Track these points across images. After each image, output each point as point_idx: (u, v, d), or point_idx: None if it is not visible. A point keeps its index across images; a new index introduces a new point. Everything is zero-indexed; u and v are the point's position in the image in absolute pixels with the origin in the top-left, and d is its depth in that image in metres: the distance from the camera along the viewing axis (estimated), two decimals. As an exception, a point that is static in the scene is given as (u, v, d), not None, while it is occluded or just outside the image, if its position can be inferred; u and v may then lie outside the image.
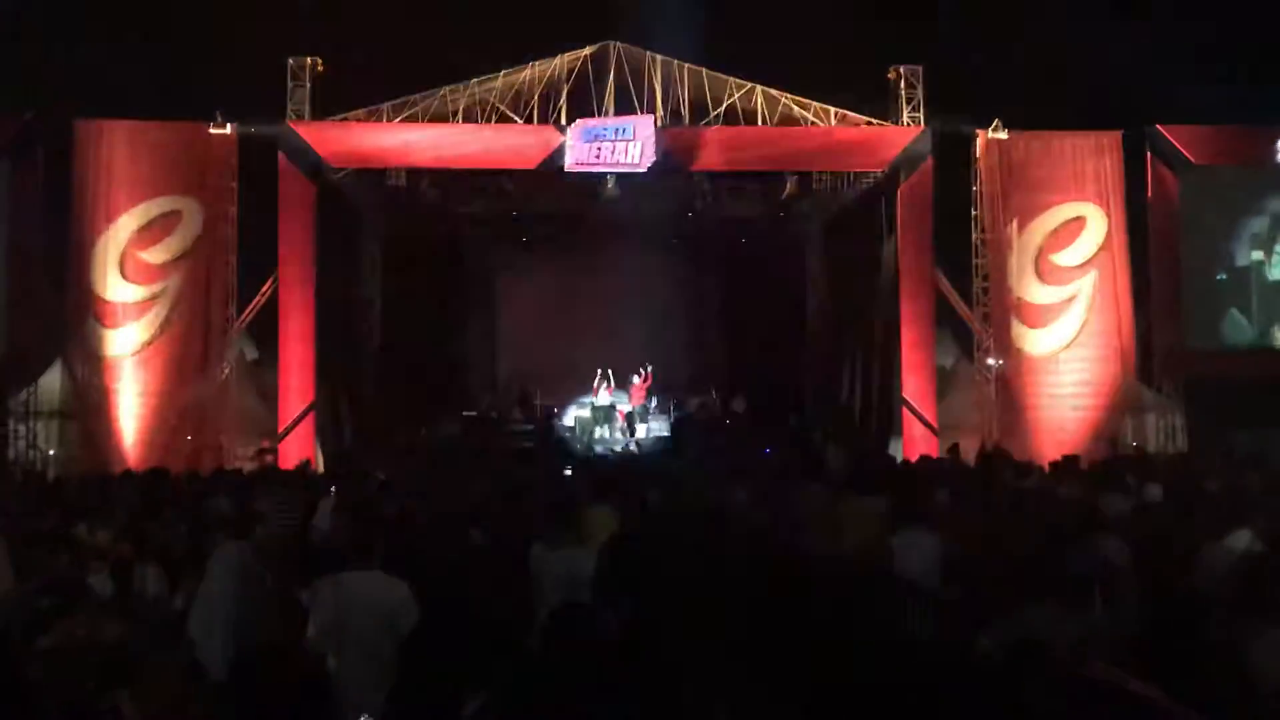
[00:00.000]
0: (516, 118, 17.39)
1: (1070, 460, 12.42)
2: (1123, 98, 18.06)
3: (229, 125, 17.17)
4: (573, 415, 21.96)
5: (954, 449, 14.32)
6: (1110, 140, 18.26)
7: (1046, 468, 12.81)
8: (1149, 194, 18.49)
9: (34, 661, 4.24)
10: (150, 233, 17.00)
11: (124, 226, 16.94)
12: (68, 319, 16.96)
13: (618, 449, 19.98)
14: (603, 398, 21.33)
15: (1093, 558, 6.46)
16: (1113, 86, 17.83)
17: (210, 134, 17.15)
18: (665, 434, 20.91)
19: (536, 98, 17.36)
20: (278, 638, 5.79)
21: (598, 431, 20.89)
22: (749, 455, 16.86)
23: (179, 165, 17.22)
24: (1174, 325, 18.44)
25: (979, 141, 18.10)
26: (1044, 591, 5.23)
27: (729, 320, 24.72)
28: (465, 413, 21.63)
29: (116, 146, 17.11)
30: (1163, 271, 18.50)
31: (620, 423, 21.17)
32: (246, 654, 3.92)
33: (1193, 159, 18.49)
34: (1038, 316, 17.93)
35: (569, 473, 14.17)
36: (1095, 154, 18.18)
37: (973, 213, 18.26)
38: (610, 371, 21.34)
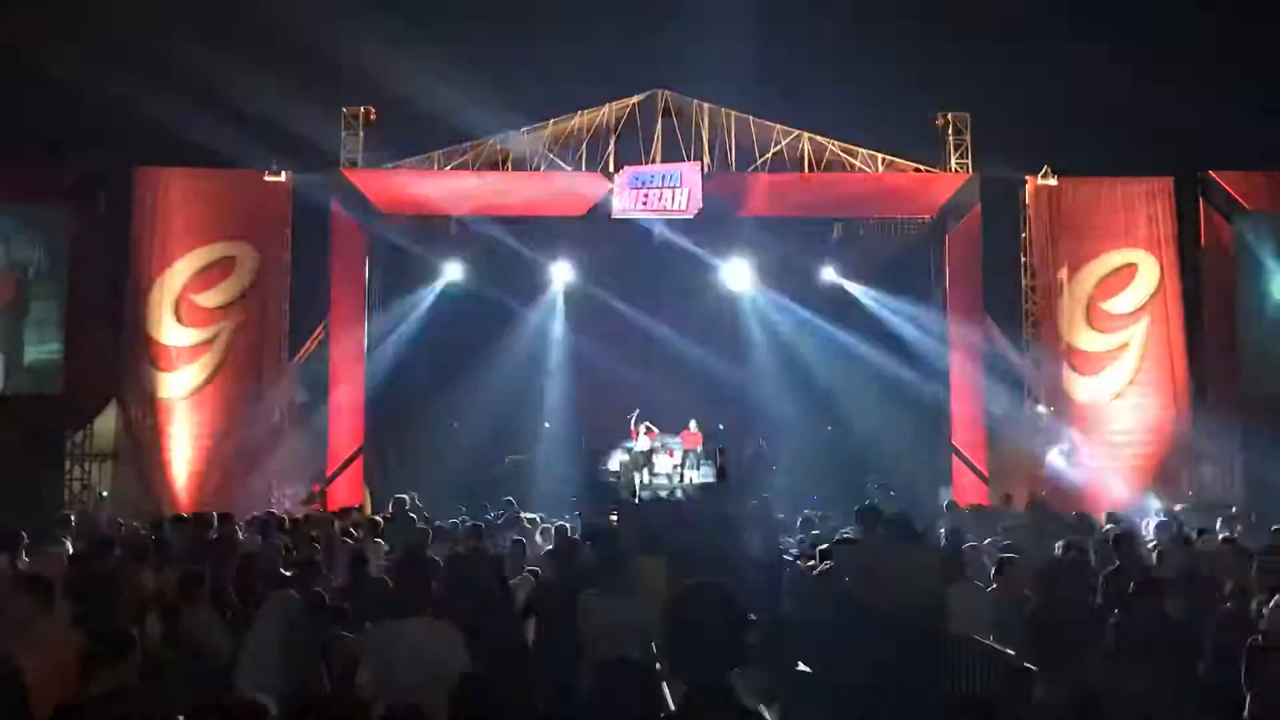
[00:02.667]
0: (565, 165, 17.56)
1: (1124, 511, 12.20)
2: (1174, 143, 17.90)
3: (284, 173, 17.47)
4: (617, 459, 21.88)
5: (1006, 499, 14.11)
6: (1161, 186, 18.10)
7: (1101, 518, 12.57)
8: (1202, 240, 18.27)
9: (84, 709, 4.26)
10: (205, 277, 17.28)
11: (180, 271, 17.24)
12: (123, 362, 17.23)
13: (663, 494, 19.84)
14: (642, 442, 21.25)
15: (1152, 613, 6.32)
16: (1163, 132, 17.67)
17: (265, 181, 17.46)
18: (711, 480, 20.75)
19: (585, 145, 17.53)
20: (328, 687, 5.79)
21: (639, 477, 20.78)
22: (798, 502, 16.71)
23: (234, 212, 17.53)
24: (1230, 372, 18.13)
25: (1028, 188, 18.02)
26: (1103, 648, 5.13)
27: (776, 367, 24.56)
28: (512, 456, 21.63)
29: (174, 193, 17.44)
30: (1218, 318, 18.22)
31: (663, 467, 21.05)
32: (297, 704, 3.91)
33: (1246, 205, 18.25)
34: (1089, 363, 17.72)
35: (614, 519, 14.11)
36: (1146, 200, 18.03)
37: (1022, 259, 18.14)
38: (649, 418, 21.28)
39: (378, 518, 14.99)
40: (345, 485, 16.98)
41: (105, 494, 17.38)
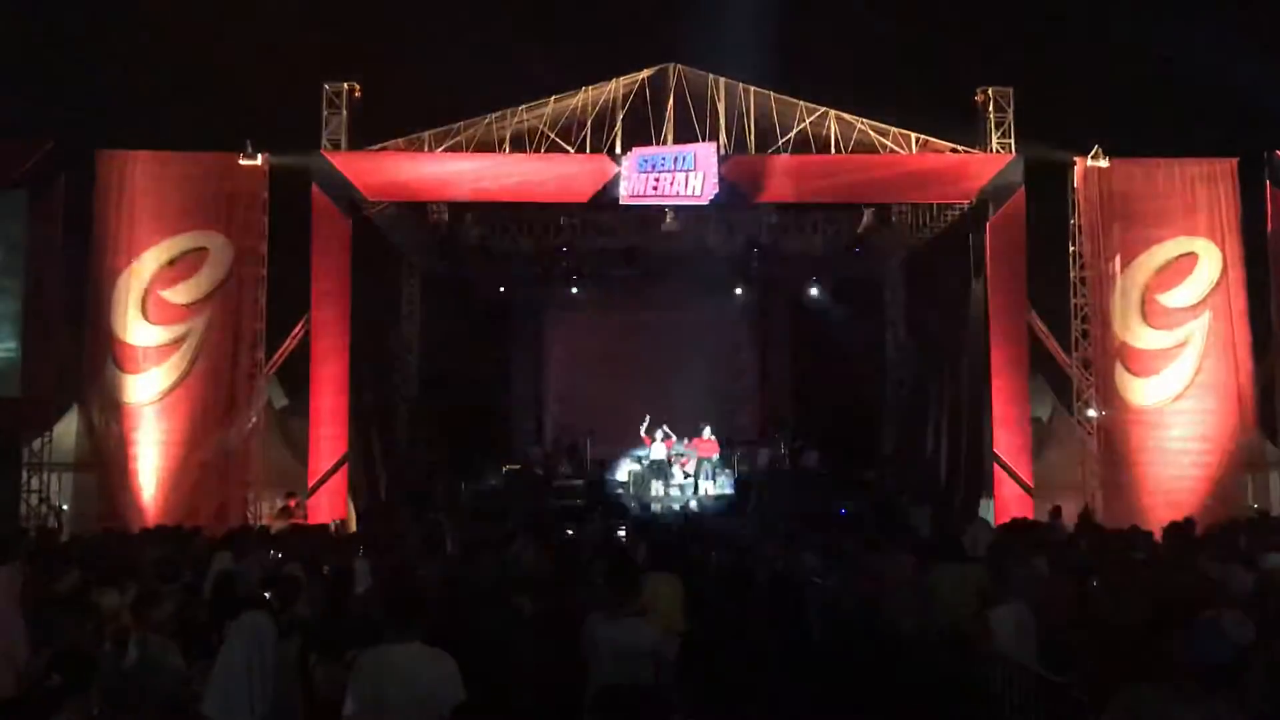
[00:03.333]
0: (568, 147, 17.54)
1: (1184, 525, 12.15)
2: (1237, 121, 17.85)
3: (260, 156, 17.47)
4: (626, 469, 21.93)
5: (1056, 512, 14.08)
6: (1223, 168, 18.02)
7: (1157, 533, 12.53)
8: (1269, 227, 18.20)
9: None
10: (174, 271, 17.29)
11: (146, 264, 17.25)
12: (85, 363, 17.25)
13: (676, 507, 19.89)
14: (657, 450, 21.29)
15: (1212, 636, 6.30)
16: (1226, 109, 17.63)
17: (240, 165, 17.46)
18: (729, 491, 20.80)
19: (590, 125, 17.50)
20: (305, 718, 5.80)
21: (653, 487, 20.83)
22: (823, 516, 16.71)
23: (206, 198, 17.52)
24: (1300, 372, 18.07)
25: (1076, 170, 17.95)
26: (1157, 674, 5.10)
27: (799, 366, 24.62)
28: (509, 466, 21.69)
29: (140, 178, 17.44)
30: (1286, 313, 18.17)
31: (678, 478, 21.12)
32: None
33: (1318, 187, 18.20)
34: (1144, 363, 17.66)
35: (623, 534, 14.14)
36: (1207, 183, 17.95)
37: (1070, 248, 18.08)
38: (664, 424, 21.34)
39: (362, 532, 15.07)
40: (327, 497, 16.98)
41: (65, 507, 17.41)
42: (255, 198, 17.52)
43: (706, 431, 21.41)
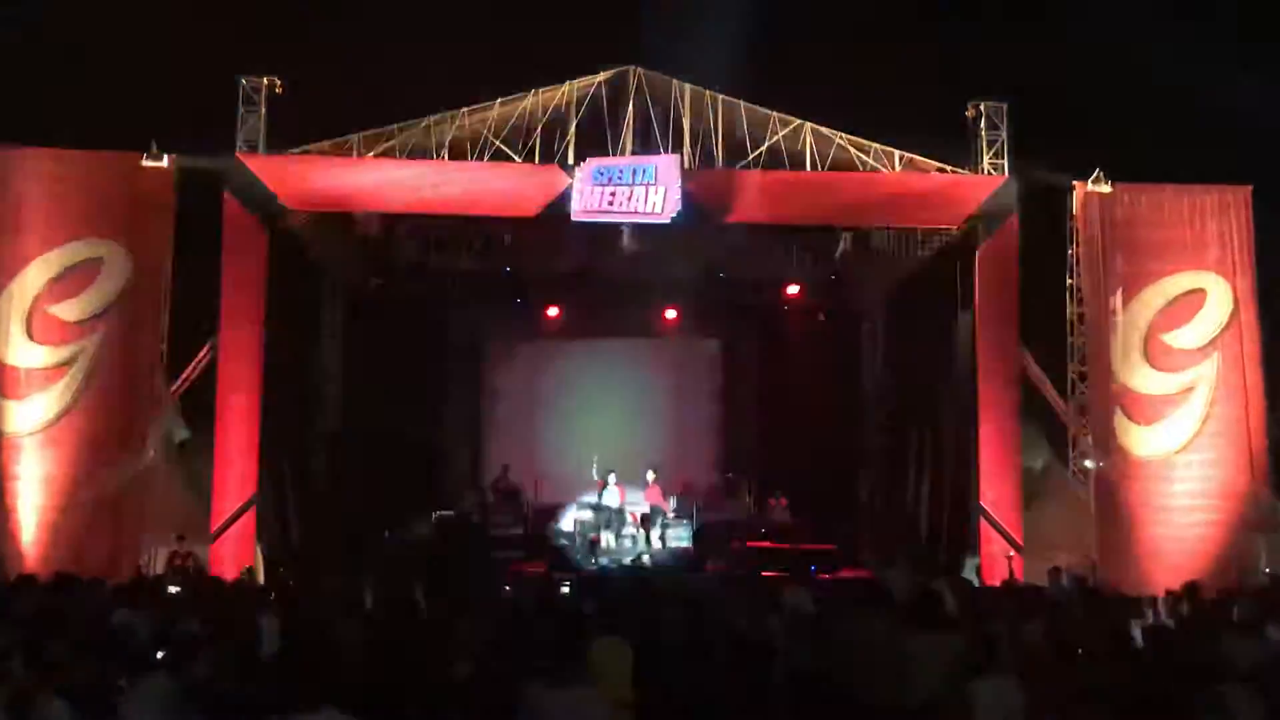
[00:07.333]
0: (515, 155, 17.57)
1: (1188, 590, 12.31)
2: (1253, 146, 18.13)
3: (166, 157, 17.34)
4: (572, 518, 21.89)
5: (1055, 573, 14.22)
6: (1237, 196, 18.27)
7: (1160, 597, 12.70)
8: (1285, 263, 18.50)
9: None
10: (65, 284, 17.08)
11: (32, 276, 17.03)
12: (-41, 387, 17.04)
13: (627, 561, 19.89)
14: (610, 496, 21.29)
15: (1219, 714, 6.40)
16: (1240, 132, 17.91)
17: (142, 167, 17.30)
18: (685, 544, 20.81)
19: (539, 132, 17.53)
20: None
21: (603, 539, 20.81)
22: (792, 574, 16.76)
23: (103, 203, 17.32)
24: (1317, 423, 18.32)
25: (1076, 194, 18.15)
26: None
27: (767, 406, 24.69)
28: (440, 512, 21.59)
29: (28, 179, 17.24)
30: (1302, 357, 18.43)
31: (631, 529, 21.11)
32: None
33: (1339, 219, 18.52)
34: (1147, 409, 17.81)
35: (567, 590, 14.14)
36: (1218, 213, 18.18)
37: (1068, 281, 18.26)
38: (616, 467, 21.36)
39: (271, 585, 14.96)
40: (233, 543, 16.84)
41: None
42: (159, 204, 17.34)
43: (650, 475, 21.38)
